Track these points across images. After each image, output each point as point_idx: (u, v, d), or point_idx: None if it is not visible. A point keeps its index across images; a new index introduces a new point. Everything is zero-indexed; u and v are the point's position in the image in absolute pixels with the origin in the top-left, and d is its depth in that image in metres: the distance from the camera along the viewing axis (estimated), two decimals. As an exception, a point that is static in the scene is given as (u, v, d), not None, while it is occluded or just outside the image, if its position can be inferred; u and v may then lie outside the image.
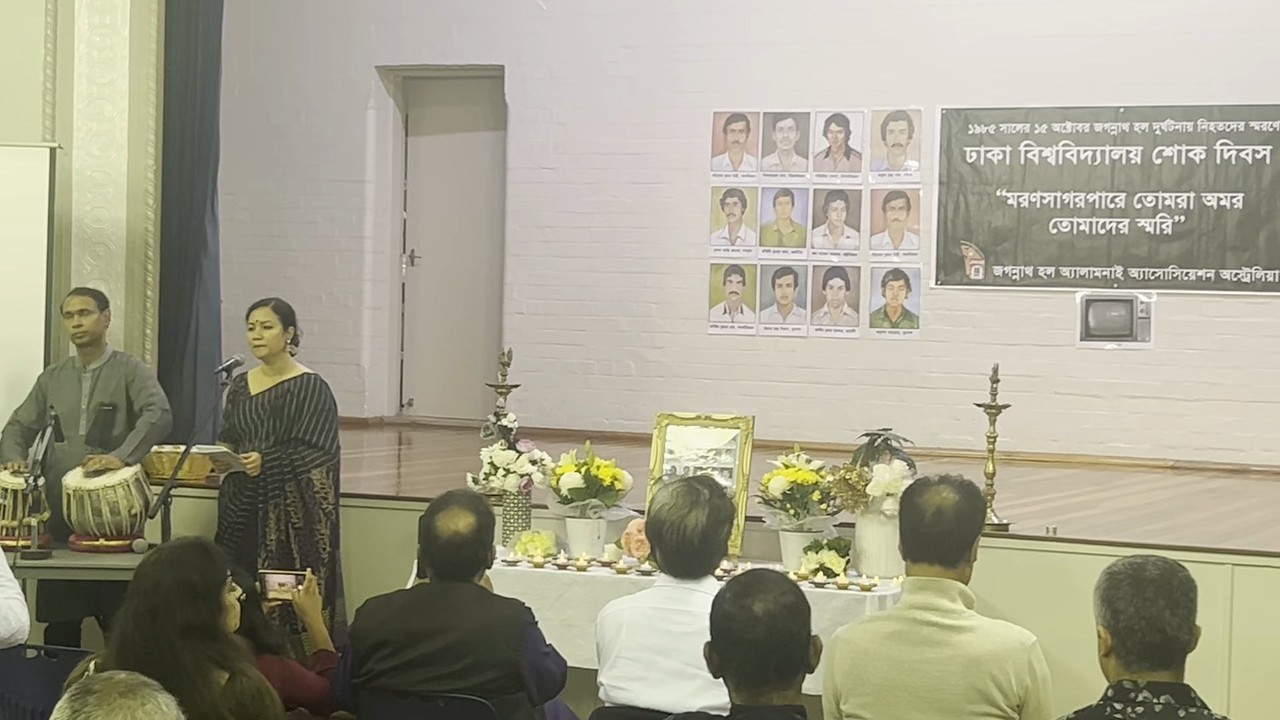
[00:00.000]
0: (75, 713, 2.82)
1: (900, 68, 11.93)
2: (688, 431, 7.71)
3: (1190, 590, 3.83)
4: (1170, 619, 3.76)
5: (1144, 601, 3.77)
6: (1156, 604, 3.76)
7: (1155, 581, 3.79)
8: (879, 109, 12.04)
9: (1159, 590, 3.78)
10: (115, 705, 2.83)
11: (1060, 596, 6.89)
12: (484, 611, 5.17)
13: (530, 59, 12.85)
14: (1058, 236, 11.68)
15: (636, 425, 11.19)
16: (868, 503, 7.13)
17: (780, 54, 12.21)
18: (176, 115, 9.51)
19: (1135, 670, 3.76)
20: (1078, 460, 11.32)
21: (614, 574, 7.18)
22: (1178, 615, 3.77)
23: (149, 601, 4.47)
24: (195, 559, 4.63)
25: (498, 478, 7.70)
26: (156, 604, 4.47)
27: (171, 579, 4.52)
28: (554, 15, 12.78)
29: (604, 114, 12.65)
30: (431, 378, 13.47)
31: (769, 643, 3.82)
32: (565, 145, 12.75)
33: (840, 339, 12.13)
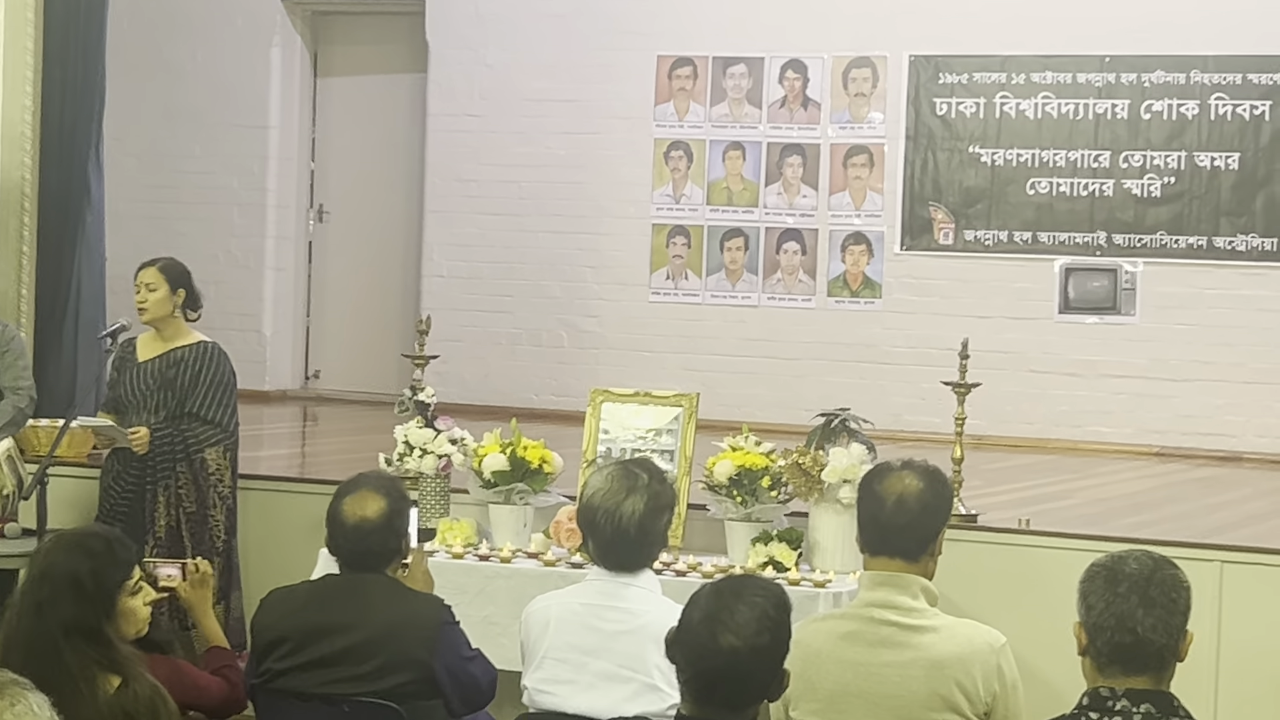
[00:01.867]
0: None
1: (864, 9, 11.96)
2: (625, 409, 7.71)
3: (1174, 590, 3.83)
4: (1143, 618, 3.77)
5: (1115, 597, 3.79)
6: (1129, 600, 3.78)
7: (1132, 576, 3.81)
8: (840, 55, 12.06)
9: (1134, 586, 3.80)
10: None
11: (1033, 594, 6.93)
12: (396, 607, 5.16)
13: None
14: (1035, 198, 11.73)
15: (568, 402, 11.19)
16: (823, 490, 7.15)
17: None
18: (57, 51, 9.44)
19: (1109, 675, 3.79)
20: (1054, 445, 11.40)
21: (541, 566, 7.18)
22: (1153, 615, 3.78)
23: (36, 593, 4.48)
24: (90, 553, 4.61)
25: (413, 459, 7.68)
26: (42, 597, 4.48)
27: (61, 571, 4.51)
28: (481, -55, 12.76)
29: (536, 56, 12.62)
30: (341, 347, 13.44)
31: (724, 677, 3.84)
32: (492, 90, 12.71)
33: (795, 309, 12.16)
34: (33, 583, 4.50)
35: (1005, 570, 7.15)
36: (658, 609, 4.84)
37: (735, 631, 3.86)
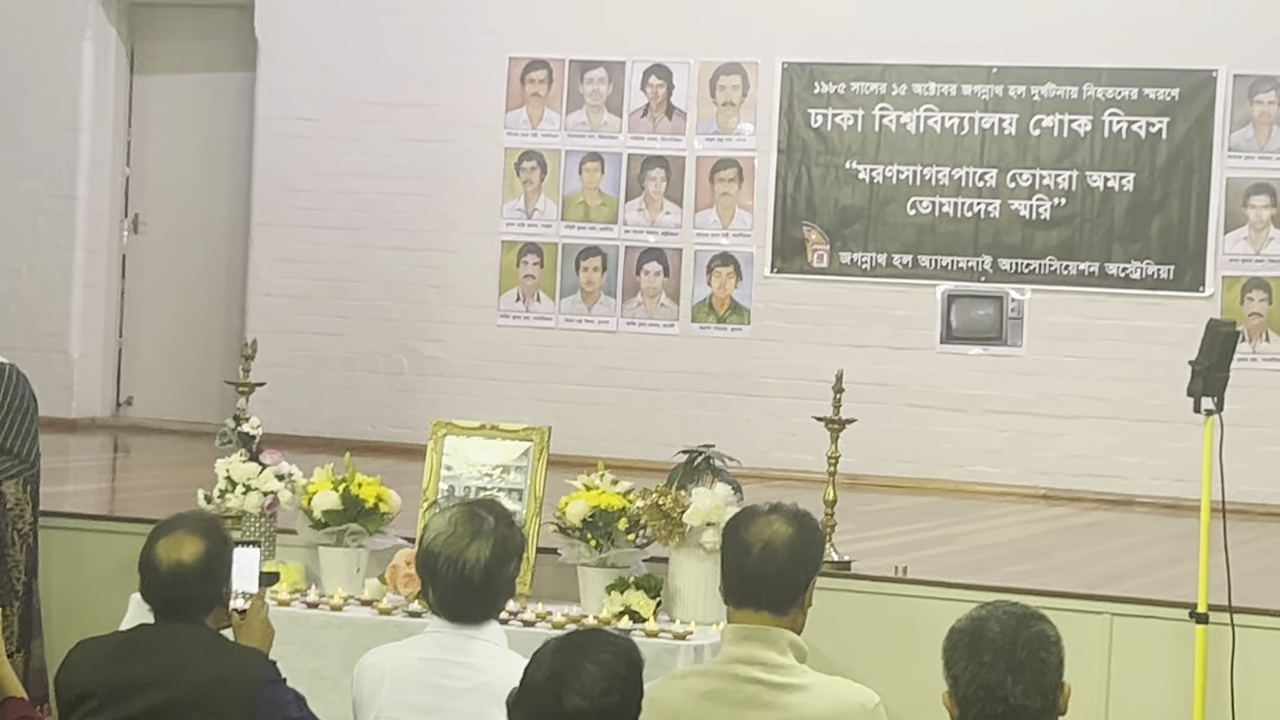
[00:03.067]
0: None
1: (735, 11, 12.02)
2: (470, 444, 7.70)
3: (1042, 649, 3.85)
4: (1013, 687, 3.79)
5: (981, 667, 3.81)
6: (996, 670, 3.80)
7: (995, 643, 3.82)
8: (708, 60, 12.12)
9: (999, 653, 3.82)
10: None
11: (911, 648, 6.96)
12: (213, 663, 5.10)
13: (287, -14, 12.77)
14: (916, 219, 11.82)
15: (407, 434, 11.16)
16: (684, 534, 7.16)
17: (591, -10, 12.28)
18: None
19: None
20: (934, 486, 11.48)
21: (376, 615, 7.15)
22: (1023, 681, 3.80)
23: None
24: None
25: (236, 496, 7.62)
26: None
27: None
28: (317, -67, 12.72)
29: (377, 56, 12.59)
30: (157, 372, 13.33)
31: None
32: (328, 93, 12.67)
33: (656, 335, 12.19)
34: None
35: (881, 622, 7.20)
36: (503, 665, 4.82)
37: (581, 692, 3.86)
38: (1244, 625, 6.93)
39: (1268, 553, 9.20)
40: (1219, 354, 6.98)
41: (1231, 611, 6.91)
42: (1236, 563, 7.01)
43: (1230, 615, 6.91)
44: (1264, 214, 11.31)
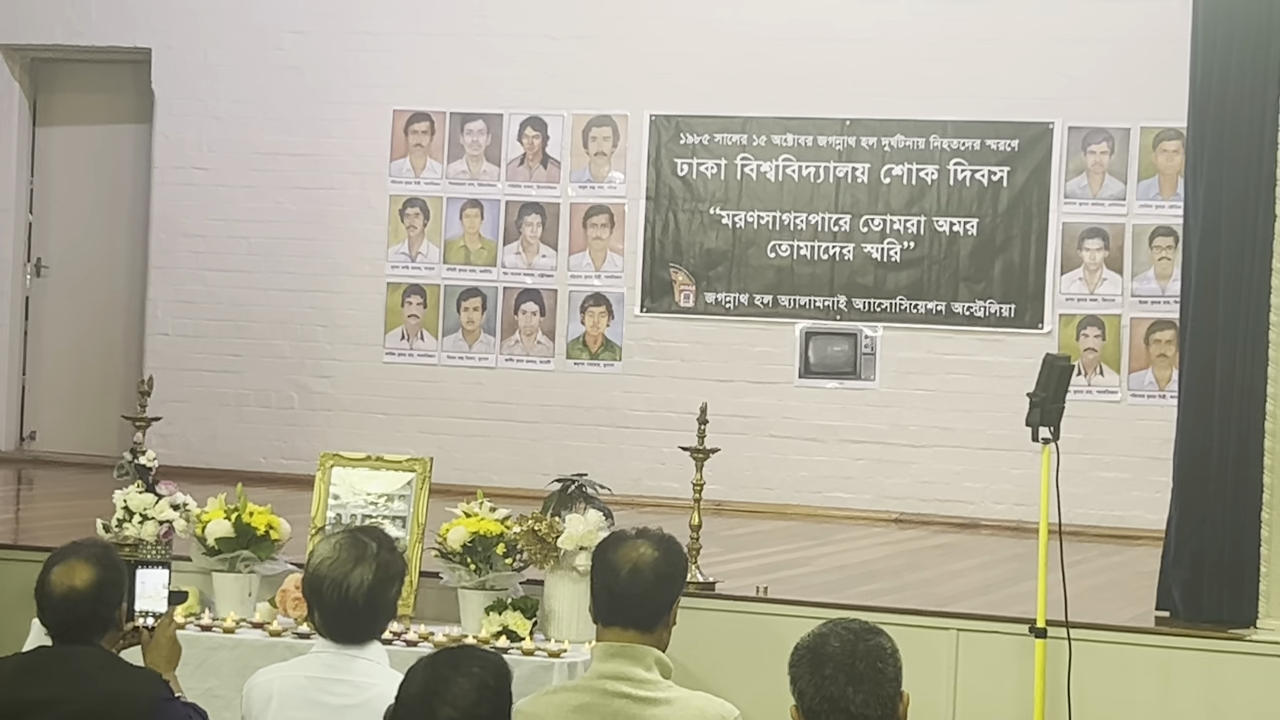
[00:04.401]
0: None
1: (605, 67, 12.05)
2: (356, 474, 7.67)
3: (879, 660, 3.87)
4: (854, 696, 3.81)
5: (823, 680, 3.82)
6: (836, 682, 3.81)
7: (835, 657, 3.84)
8: (580, 112, 12.15)
9: (839, 666, 3.83)
10: None
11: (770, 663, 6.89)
12: (108, 681, 5.05)
13: (182, 42, 12.68)
14: (776, 261, 11.87)
15: (298, 465, 11.09)
16: (558, 557, 7.16)
17: (471, 46, 12.25)
18: None
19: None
20: (794, 511, 11.51)
21: (266, 637, 7.10)
22: (862, 691, 3.82)
23: None
24: None
25: (133, 525, 7.56)
26: None
27: None
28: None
29: (268, 108, 12.54)
30: (59, 407, 13.19)
31: None
32: (221, 142, 12.60)
33: (533, 371, 12.19)
34: None
35: (743, 639, 7.22)
36: (384, 682, 4.78)
37: (453, 704, 3.85)
38: (1079, 639, 7.00)
39: (1101, 571, 9.28)
40: (1055, 386, 7.04)
41: (1068, 626, 6.97)
42: (1072, 580, 7.07)
43: (1067, 630, 6.97)
44: (1097, 256, 11.43)
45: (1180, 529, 7.45)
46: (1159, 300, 11.25)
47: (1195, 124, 7.53)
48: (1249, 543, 7.18)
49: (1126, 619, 7.46)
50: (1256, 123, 7.28)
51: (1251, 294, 7.26)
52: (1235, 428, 7.27)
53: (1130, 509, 10.79)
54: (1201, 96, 7.46)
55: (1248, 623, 7.13)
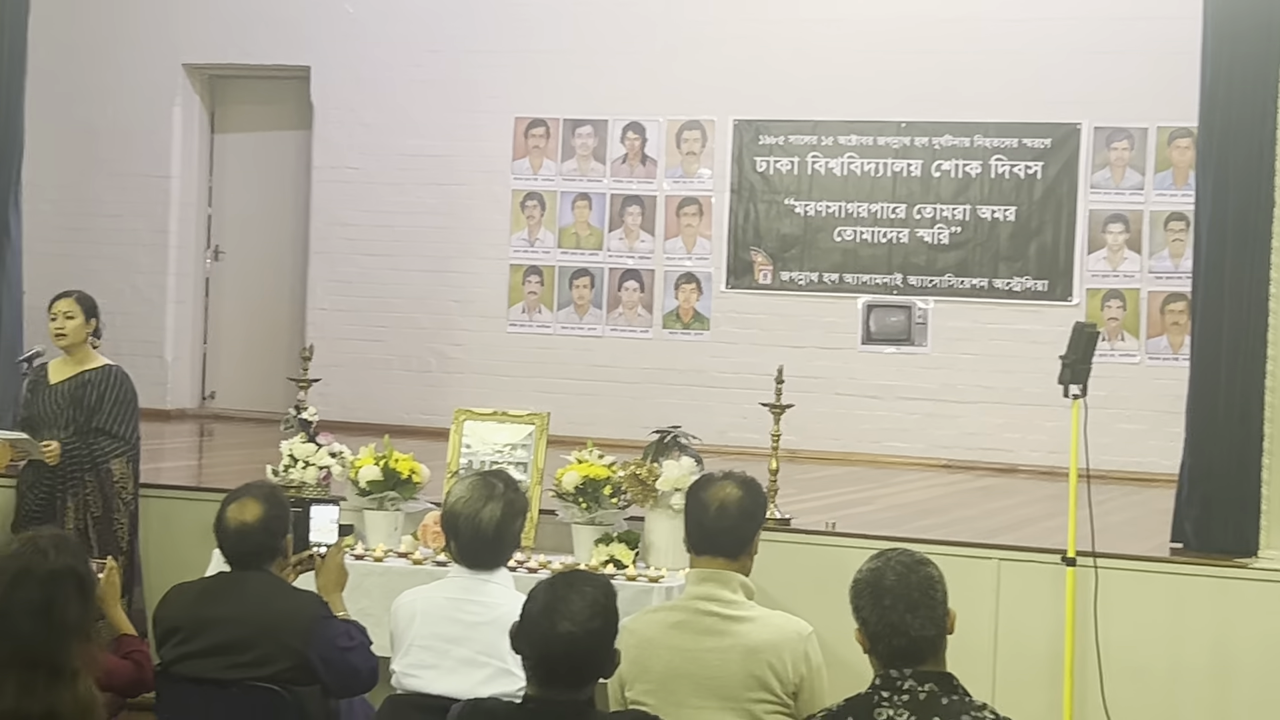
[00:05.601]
0: None
1: (695, 79, 12.01)
2: (484, 426, 7.69)
3: (929, 587, 3.85)
4: (912, 621, 3.80)
5: (884, 609, 3.81)
6: (896, 611, 3.80)
7: (893, 589, 3.82)
8: (674, 118, 12.12)
9: (896, 597, 3.81)
10: None
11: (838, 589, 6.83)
12: (274, 602, 5.09)
13: (336, 61, 12.73)
14: (841, 244, 11.82)
15: (435, 420, 11.12)
16: (656, 497, 7.16)
17: (580, 62, 12.24)
18: (-20, 108, 9.28)
19: (894, 668, 3.81)
20: (857, 458, 11.47)
21: (410, 565, 7.14)
22: (919, 616, 3.80)
23: (45, 592, 4.09)
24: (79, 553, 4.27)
25: (297, 470, 7.61)
26: (53, 594, 4.08)
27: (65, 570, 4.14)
28: (361, 18, 12.68)
29: (408, 116, 12.57)
30: (234, 371, 13.29)
31: (565, 660, 3.84)
32: (370, 146, 12.65)
33: (634, 339, 12.18)
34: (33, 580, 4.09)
35: (814, 567, 7.20)
36: (511, 603, 4.80)
37: (570, 618, 3.86)
38: (1104, 567, 6.96)
39: (1123, 509, 9.20)
40: (1083, 350, 6.99)
41: (1095, 556, 6.93)
42: (1098, 517, 7.01)
43: (1094, 559, 6.92)
44: (1119, 238, 11.32)
45: (1192, 473, 7.41)
46: (1173, 276, 11.12)
47: (1205, 124, 7.47)
48: (1251, 484, 7.13)
49: (1145, 550, 7.39)
50: (1257, 123, 7.23)
51: (1253, 270, 7.21)
52: (1240, 385, 7.22)
53: (1148, 456, 10.69)
54: (1210, 100, 7.40)
55: (1250, 553, 7.07)
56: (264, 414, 12.22)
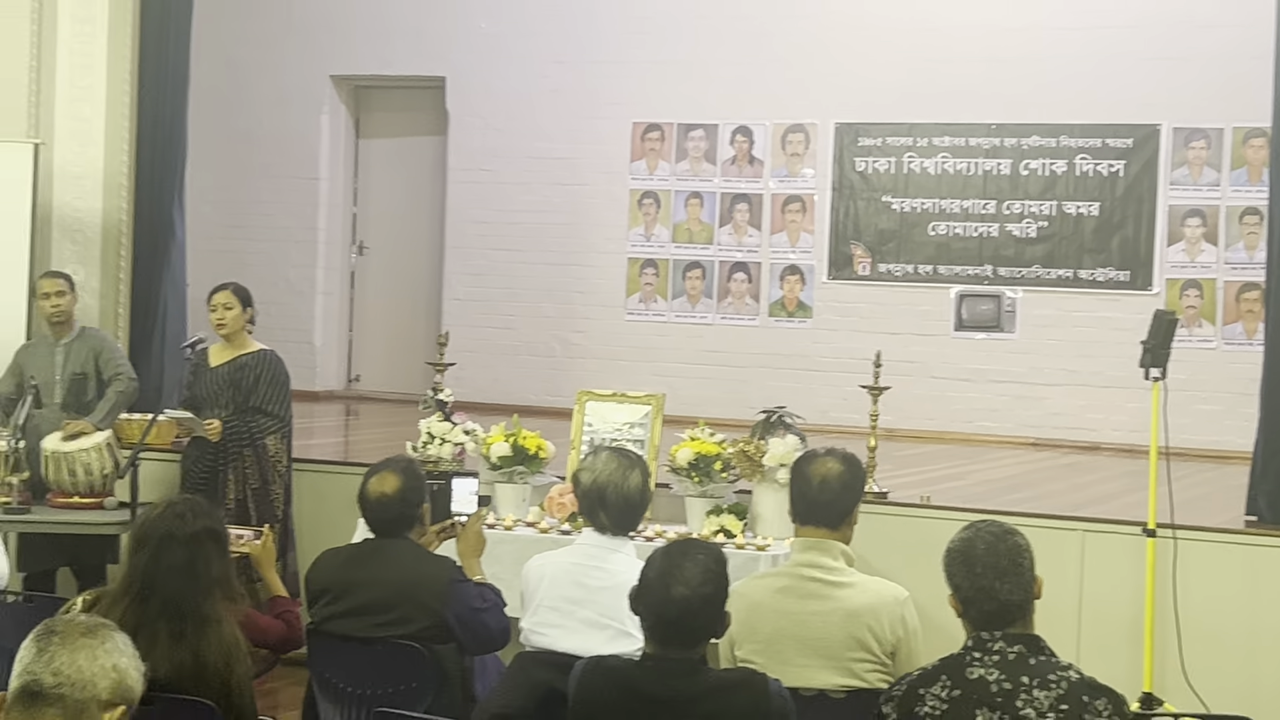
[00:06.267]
0: (41, 651, 2.77)
1: (798, 85, 11.97)
2: (605, 407, 7.71)
3: (1018, 556, 3.81)
4: (1001, 587, 3.76)
5: (975, 576, 3.78)
6: (986, 578, 3.77)
7: (982, 557, 3.79)
8: (779, 122, 12.08)
9: (986, 565, 3.78)
10: (77, 645, 2.78)
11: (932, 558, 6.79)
12: (413, 567, 5.14)
13: (469, 72, 12.80)
14: (935, 238, 11.74)
15: (559, 401, 11.15)
16: (763, 472, 7.16)
17: (693, 71, 12.23)
18: (149, 116, 9.42)
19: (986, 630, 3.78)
20: (950, 437, 11.40)
21: (537, 533, 7.17)
22: (1008, 582, 3.77)
23: (188, 552, 4.25)
24: (215, 514, 4.42)
25: (434, 446, 7.67)
26: (195, 553, 4.25)
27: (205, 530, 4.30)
28: (492, 33, 12.74)
29: (535, 122, 12.62)
30: (377, 356, 13.41)
31: (679, 621, 3.85)
32: (500, 150, 12.71)
33: (742, 326, 12.17)
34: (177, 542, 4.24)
35: (909, 537, 7.16)
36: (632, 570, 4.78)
37: (684, 583, 3.87)
38: (1183, 539, 6.87)
39: (1199, 485, 9.08)
40: (1163, 336, 6.90)
41: (1174, 528, 6.84)
42: (1176, 492, 6.92)
43: (1173, 531, 6.84)
44: (1197, 232, 11.16)
45: (1265, 450, 7.31)
46: (1247, 266, 10.95)
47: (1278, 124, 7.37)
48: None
49: (1221, 522, 7.29)
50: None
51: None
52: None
53: (1224, 434, 10.53)
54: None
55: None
56: (404, 395, 12.31)
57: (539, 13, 12.61)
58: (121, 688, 2.79)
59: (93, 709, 2.74)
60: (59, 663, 2.74)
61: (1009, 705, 3.62)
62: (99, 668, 2.76)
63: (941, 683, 3.70)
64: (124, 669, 2.80)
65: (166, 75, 9.45)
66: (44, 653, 2.75)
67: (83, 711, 2.73)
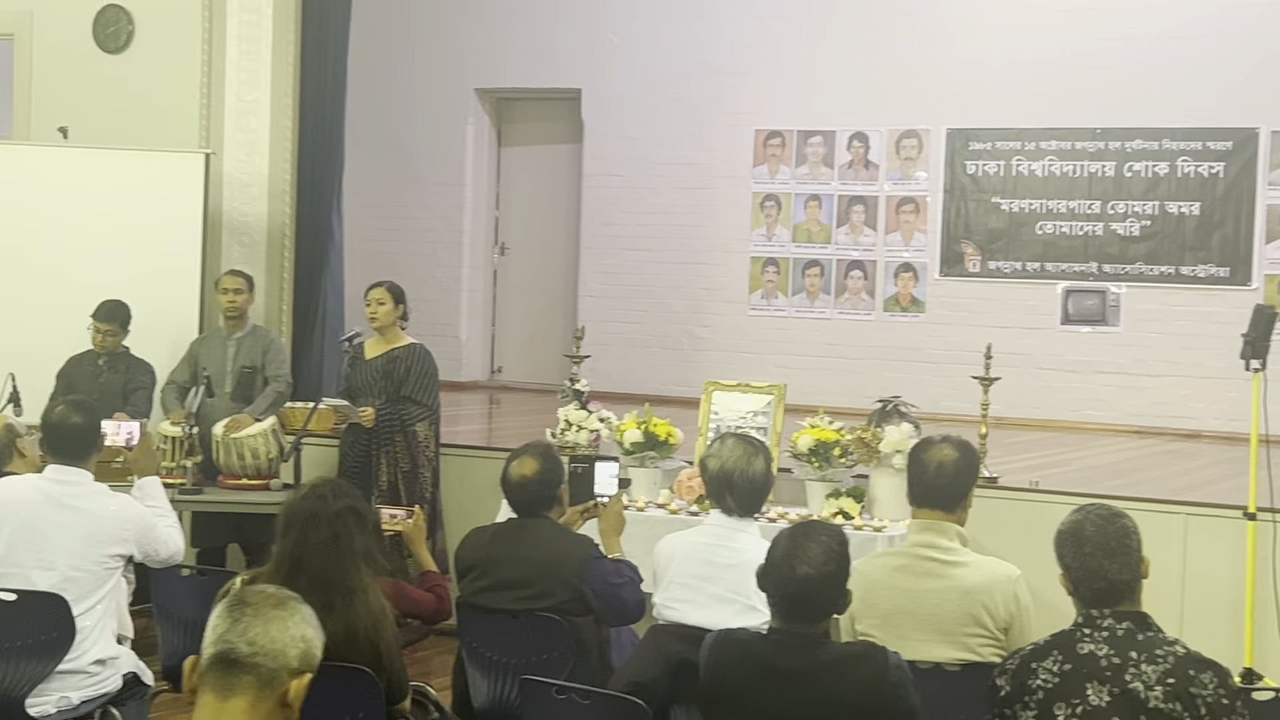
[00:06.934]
0: (235, 621, 2.78)
1: (912, 93, 11.87)
2: (730, 396, 7.70)
3: (1126, 538, 3.75)
4: (1110, 566, 3.70)
5: (1085, 556, 3.72)
6: (1095, 558, 3.71)
7: (1092, 538, 3.73)
8: (894, 128, 11.99)
9: (1096, 545, 3.72)
10: (269, 616, 2.80)
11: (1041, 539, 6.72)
12: (553, 544, 5.16)
13: (603, 84, 12.83)
14: (1043, 237, 11.60)
15: (687, 391, 11.16)
16: (880, 458, 7.12)
17: (812, 81, 12.17)
18: (309, 127, 9.54)
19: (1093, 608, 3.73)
20: (1056, 425, 11.25)
21: (667, 514, 7.19)
22: (1116, 562, 3.71)
23: (328, 528, 4.28)
24: (355, 495, 4.47)
25: (572, 433, 7.71)
26: (339, 530, 4.29)
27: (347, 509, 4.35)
28: (623, 47, 12.76)
29: (664, 131, 12.63)
30: (518, 349, 13.50)
31: (803, 598, 3.83)
32: (631, 156, 12.73)
33: (858, 321, 12.09)
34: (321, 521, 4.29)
35: (1019, 520, 7.09)
36: (757, 549, 4.79)
37: (808, 562, 3.85)
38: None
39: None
40: (1262, 329, 6.77)
41: (1274, 511, 6.71)
42: (1276, 478, 6.78)
43: (1273, 514, 6.71)
44: (1295, 229, 10.95)
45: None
46: (1345, 263, 10.73)
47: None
48: None
49: (1320, 507, 7.14)
50: None
51: None
52: None
53: (1322, 423, 10.30)
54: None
55: None
56: (543, 385, 12.38)
57: (666, 27, 12.62)
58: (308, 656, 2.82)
59: (283, 676, 2.77)
60: (253, 633, 2.77)
61: (1118, 678, 3.56)
62: (289, 638, 2.79)
63: (1053, 657, 3.65)
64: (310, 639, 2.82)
65: (326, 89, 9.57)
66: (238, 623, 2.78)
67: (274, 679, 2.76)
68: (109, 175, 8.94)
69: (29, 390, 7.78)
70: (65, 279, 8.78)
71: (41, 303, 8.80)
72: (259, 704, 2.74)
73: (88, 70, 9.56)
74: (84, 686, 5.13)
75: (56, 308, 8.72)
